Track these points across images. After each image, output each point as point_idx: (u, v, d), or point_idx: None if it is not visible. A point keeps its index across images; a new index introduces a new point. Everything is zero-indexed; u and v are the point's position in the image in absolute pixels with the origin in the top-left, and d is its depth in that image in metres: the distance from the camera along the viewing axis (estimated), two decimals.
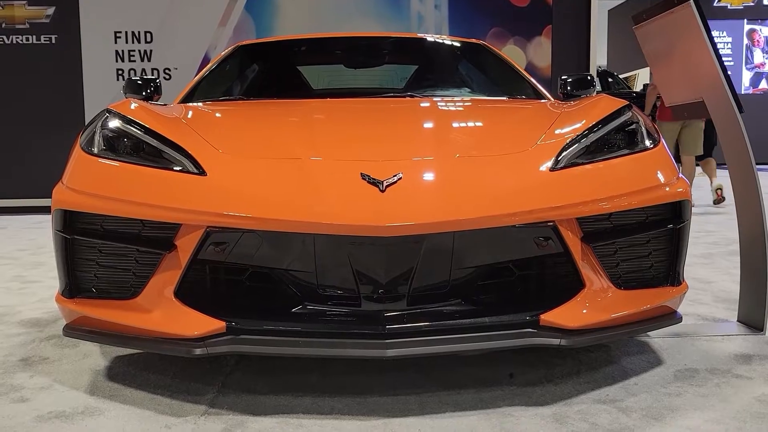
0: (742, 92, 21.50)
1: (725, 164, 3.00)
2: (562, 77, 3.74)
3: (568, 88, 3.66)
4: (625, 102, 2.69)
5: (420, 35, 4.44)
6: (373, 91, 4.41)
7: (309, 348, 1.99)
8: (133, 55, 8.55)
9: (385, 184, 2.02)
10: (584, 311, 2.13)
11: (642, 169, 2.35)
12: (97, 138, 2.42)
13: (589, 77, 3.69)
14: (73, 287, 2.28)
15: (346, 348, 1.99)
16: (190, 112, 2.84)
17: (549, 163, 2.22)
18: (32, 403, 2.20)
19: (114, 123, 2.44)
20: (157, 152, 2.30)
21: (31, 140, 8.54)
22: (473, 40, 4.12)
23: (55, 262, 2.32)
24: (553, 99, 3.45)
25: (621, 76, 18.13)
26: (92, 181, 2.27)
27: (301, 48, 4.22)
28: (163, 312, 2.12)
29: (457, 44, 4.19)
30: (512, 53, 8.73)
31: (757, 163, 2.83)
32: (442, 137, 2.42)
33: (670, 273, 2.39)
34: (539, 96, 3.48)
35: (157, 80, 3.66)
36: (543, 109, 2.92)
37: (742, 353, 2.59)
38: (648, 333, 2.70)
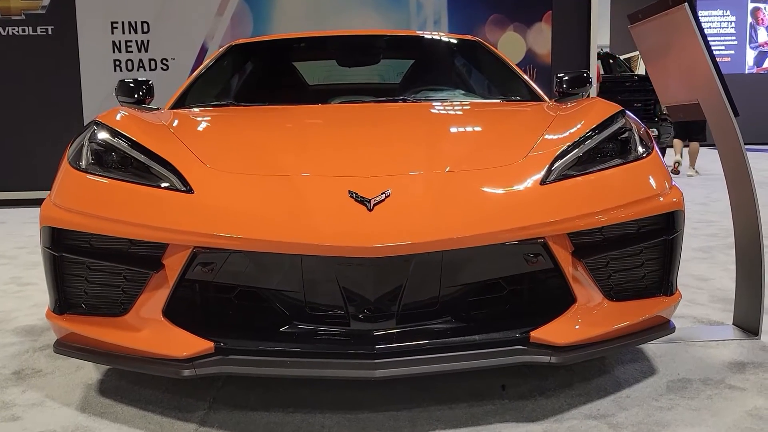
0: (746, 71, 21.39)
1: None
2: (558, 74, 3.71)
3: (564, 86, 3.63)
4: (618, 107, 2.66)
5: (416, 33, 4.39)
6: (368, 86, 4.40)
7: (297, 369, 1.98)
8: (130, 46, 8.50)
9: (372, 202, 2.00)
10: (575, 327, 2.12)
11: (635, 180, 2.33)
12: (85, 152, 2.40)
13: (585, 74, 3.65)
14: (62, 303, 2.28)
15: (334, 368, 1.98)
16: (180, 121, 2.81)
17: (540, 176, 2.20)
18: (23, 422, 2.20)
19: (101, 136, 2.43)
20: (145, 167, 2.28)
21: (30, 132, 8.53)
22: (469, 37, 4.08)
23: (45, 278, 2.31)
24: (547, 99, 3.42)
25: (624, 57, 17.98)
26: (79, 198, 2.25)
27: (295, 47, 4.18)
28: (152, 331, 2.11)
29: (453, 41, 4.15)
30: (512, 40, 8.68)
31: (760, 143, 2.80)
32: (433, 149, 2.39)
33: (663, 283, 2.37)
34: (534, 96, 3.45)
35: (149, 82, 3.62)
36: (536, 114, 2.89)
37: (736, 361, 2.58)
38: None
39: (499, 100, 3.38)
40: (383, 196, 2.03)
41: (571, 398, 2.27)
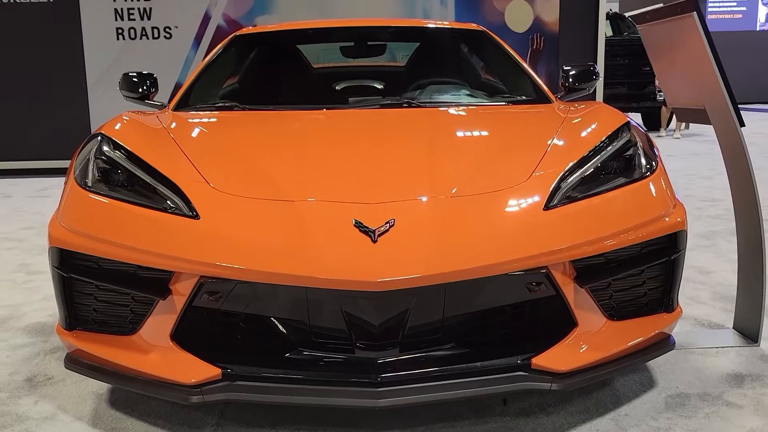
0: (758, 29, 21.08)
1: None
2: (565, 68, 3.69)
3: (570, 80, 3.61)
4: (623, 119, 2.65)
5: (423, 23, 4.35)
6: (372, 69, 4.39)
7: (302, 396, 2.02)
8: (133, 14, 8.42)
9: (377, 233, 2.02)
10: (576, 352, 2.15)
11: (639, 201, 2.33)
12: (91, 168, 2.41)
13: (591, 68, 3.63)
14: (72, 320, 2.32)
15: (339, 397, 2.01)
16: (185, 132, 2.82)
17: (543, 201, 2.20)
18: None
19: (108, 152, 2.44)
20: (151, 188, 2.29)
21: (33, 101, 8.50)
22: (474, 27, 4.03)
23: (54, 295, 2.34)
24: (552, 97, 3.39)
25: (631, 14, 17.67)
26: (86, 220, 2.27)
27: (297, 38, 4.15)
28: (160, 355, 2.15)
29: (459, 31, 4.10)
30: (519, 8, 8.56)
31: None
32: (436, 169, 2.38)
33: (664, 300, 2.39)
34: (539, 93, 3.42)
35: (153, 75, 3.62)
36: (540, 123, 2.86)
37: (735, 372, 2.61)
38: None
39: (503, 103, 3.35)
40: (387, 226, 2.04)
41: (571, 416, 2.31)
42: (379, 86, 4.16)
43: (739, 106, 2.72)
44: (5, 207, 6.43)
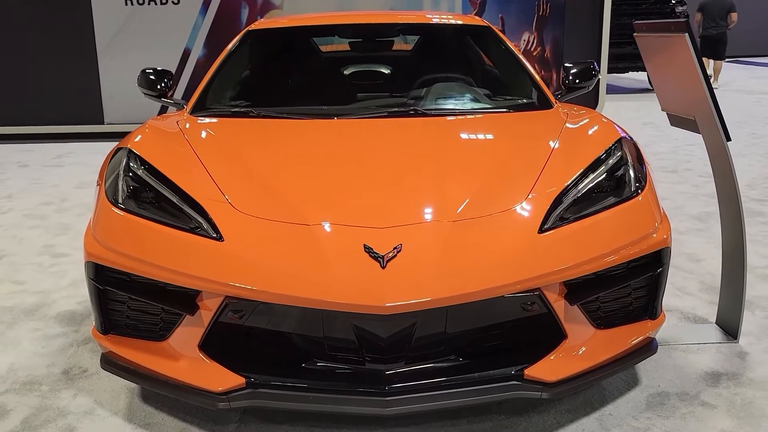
0: None
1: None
2: (566, 65, 3.84)
3: (570, 77, 3.77)
4: (617, 135, 2.82)
5: (429, 19, 4.42)
6: (381, 56, 4.54)
7: (318, 404, 2.26)
8: None
9: (385, 259, 2.22)
10: (564, 362, 2.37)
11: (629, 221, 2.52)
12: (121, 185, 2.61)
13: (591, 66, 3.79)
14: (106, 325, 2.54)
15: (350, 405, 2.25)
16: (204, 142, 3.00)
17: (539, 223, 2.39)
18: None
19: (134, 168, 2.64)
20: (177, 207, 2.49)
21: (43, 67, 8.62)
22: (479, 22, 4.16)
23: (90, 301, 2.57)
24: (552, 98, 3.54)
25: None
26: (117, 237, 2.48)
27: (310, 33, 4.29)
28: (189, 363, 2.38)
29: (463, 26, 4.23)
30: None
31: None
32: (441, 189, 2.55)
33: (648, 308, 2.60)
34: (540, 95, 3.57)
35: (171, 73, 3.78)
36: (540, 136, 3.00)
37: (713, 371, 2.84)
38: None
39: (505, 109, 3.49)
40: (395, 251, 2.24)
41: (561, 414, 2.55)
42: (386, 71, 4.32)
43: (752, 59, 2.89)
44: (23, 178, 6.63)
